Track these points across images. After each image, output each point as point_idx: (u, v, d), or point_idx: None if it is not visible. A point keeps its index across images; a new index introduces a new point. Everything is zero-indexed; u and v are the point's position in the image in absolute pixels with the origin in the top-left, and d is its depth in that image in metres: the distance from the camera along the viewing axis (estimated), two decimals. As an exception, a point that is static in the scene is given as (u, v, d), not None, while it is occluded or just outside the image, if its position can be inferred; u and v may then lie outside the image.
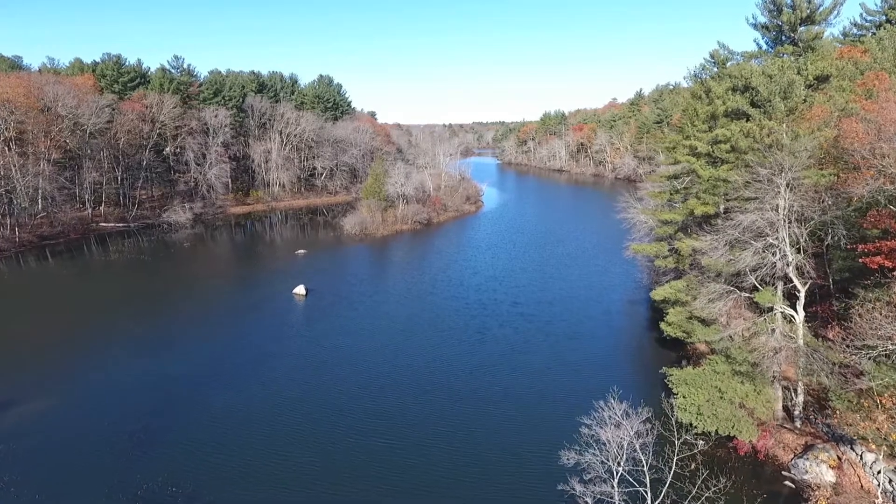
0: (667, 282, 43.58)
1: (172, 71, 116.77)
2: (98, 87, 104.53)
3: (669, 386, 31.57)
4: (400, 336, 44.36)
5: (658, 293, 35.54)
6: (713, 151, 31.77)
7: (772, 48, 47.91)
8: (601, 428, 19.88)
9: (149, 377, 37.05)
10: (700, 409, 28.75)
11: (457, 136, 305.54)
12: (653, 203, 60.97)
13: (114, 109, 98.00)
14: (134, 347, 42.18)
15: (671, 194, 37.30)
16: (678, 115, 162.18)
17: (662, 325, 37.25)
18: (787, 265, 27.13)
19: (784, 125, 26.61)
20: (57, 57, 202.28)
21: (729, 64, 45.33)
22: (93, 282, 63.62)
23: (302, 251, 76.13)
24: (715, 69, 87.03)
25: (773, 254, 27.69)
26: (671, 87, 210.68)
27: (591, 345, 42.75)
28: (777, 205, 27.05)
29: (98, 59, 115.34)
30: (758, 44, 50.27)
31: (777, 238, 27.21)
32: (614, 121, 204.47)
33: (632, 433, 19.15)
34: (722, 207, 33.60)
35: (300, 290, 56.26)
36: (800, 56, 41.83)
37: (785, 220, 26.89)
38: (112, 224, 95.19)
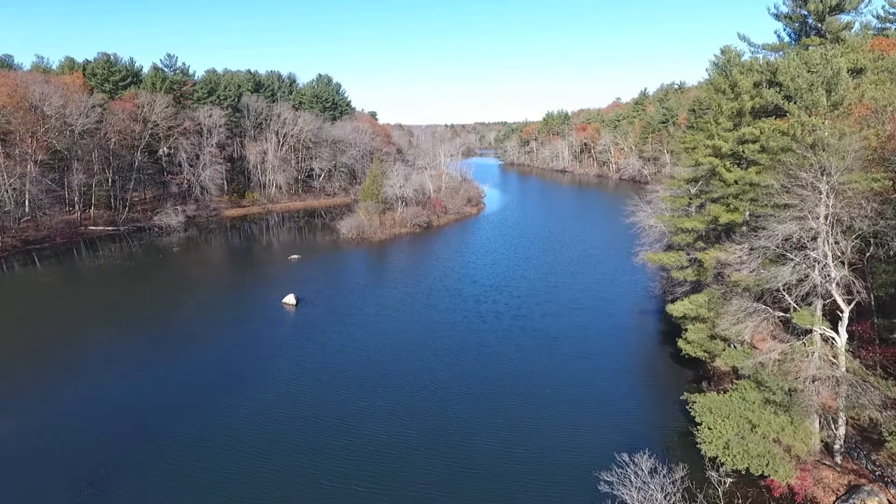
0: (682, 293, 40.25)
1: (165, 70, 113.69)
2: (87, 86, 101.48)
3: (691, 412, 28.30)
4: (390, 357, 40.25)
5: (676, 309, 32.15)
6: (743, 152, 28.41)
7: (795, 40, 44.51)
8: (624, 487, 16.57)
9: (118, 399, 33.85)
10: (728, 444, 25.41)
11: (458, 136, 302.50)
12: (666, 207, 57.68)
13: (104, 109, 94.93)
14: (107, 364, 39.01)
15: (690, 199, 33.91)
16: (684, 115, 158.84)
17: (681, 344, 33.92)
18: (830, 282, 23.77)
19: (827, 122, 23.24)
20: (48, 56, 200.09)
21: (745, 58, 41.81)
22: (73, 289, 60.49)
23: (295, 256, 72.94)
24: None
25: (813, 268, 24.35)
26: (676, 86, 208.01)
27: (602, 364, 39.16)
28: (818, 213, 23.71)
29: (91, 59, 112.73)
30: (779, 36, 46.87)
31: (818, 251, 23.86)
32: (618, 121, 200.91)
33: (661, 497, 15.83)
34: (747, 214, 30.26)
35: (290, 299, 53.04)
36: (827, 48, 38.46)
37: (828, 231, 23.54)
38: (101, 227, 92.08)
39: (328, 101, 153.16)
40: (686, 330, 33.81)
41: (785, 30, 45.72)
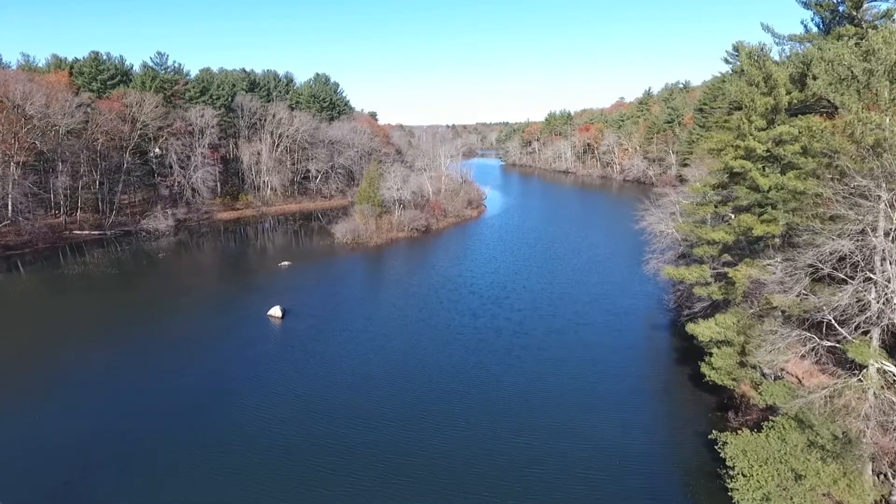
0: (703, 309, 36.49)
1: (156, 68, 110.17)
2: (73, 84, 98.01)
3: (720, 453, 24.59)
4: (373, 385, 35.78)
5: (701, 332, 28.35)
6: (781, 153, 24.65)
7: (825, 31, 40.69)
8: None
9: (76, 425, 30.16)
10: (768, 497, 21.67)
11: (460, 136, 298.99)
12: (680, 212, 53.95)
13: (90, 108, 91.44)
14: (71, 385, 35.38)
15: (715, 206, 30.13)
16: (690, 115, 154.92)
17: (704, 369, 30.13)
18: (893, 309, 20.02)
19: (888, 119, 19.50)
20: (34, 54, 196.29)
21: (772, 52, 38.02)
22: (45, 299, 56.92)
23: (286, 263, 69.28)
24: (738, 62, 79.60)
25: (869, 292, 20.61)
26: (681, 85, 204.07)
27: (615, 390, 35.11)
28: (878, 227, 19.97)
29: (80, 57, 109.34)
30: (806, 26, 43.10)
31: (877, 272, 20.13)
32: (622, 121, 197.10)
33: None
34: (783, 225, 26.50)
35: (276, 311, 49.37)
36: (862, 38, 34.70)
37: (890, 248, 19.80)
38: (87, 232, 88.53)
39: (326, 100, 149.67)
40: (710, 354, 30.02)
41: (813, 19, 41.96)
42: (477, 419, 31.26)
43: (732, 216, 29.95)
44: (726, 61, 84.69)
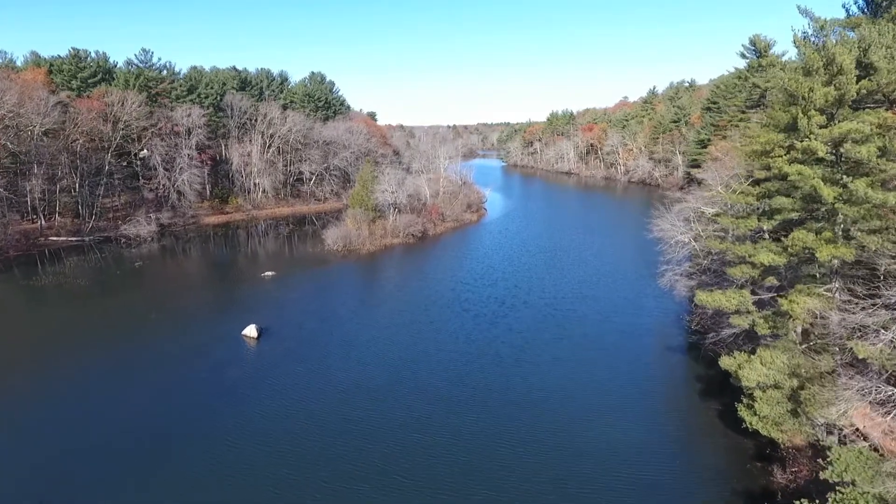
0: (733, 336, 31.36)
1: (141, 66, 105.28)
2: (51, 83, 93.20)
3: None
4: (345, 427, 30.41)
5: (745, 375, 23.16)
6: (854, 154, 19.54)
7: (872, 13, 35.59)
8: None
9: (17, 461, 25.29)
10: None
11: (461, 137, 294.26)
12: (696, 218, 48.91)
13: (68, 107, 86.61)
14: (19, 414, 30.49)
15: (759, 218, 25.01)
16: (697, 114, 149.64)
17: (744, 414, 25.07)
18: None
19: None
20: (11, 51, 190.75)
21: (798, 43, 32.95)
22: (2, 315, 52.09)
23: (270, 273, 64.31)
24: (756, 58, 74.22)
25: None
26: (687, 84, 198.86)
27: (633, 437, 29.55)
28: None
29: (62, 55, 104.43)
30: (847, 10, 38.05)
31: None
32: (627, 120, 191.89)
33: None
34: (853, 247, 21.37)
35: (251, 331, 44.42)
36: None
37: None
38: (63, 238, 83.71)
39: (321, 99, 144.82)
40: (751, 396, 24.98)
41: (856, 2, 36.93)
42: (470, 484, 26.23)
43: (766, 233, 24.88)
44: (742, 55, 79.96)
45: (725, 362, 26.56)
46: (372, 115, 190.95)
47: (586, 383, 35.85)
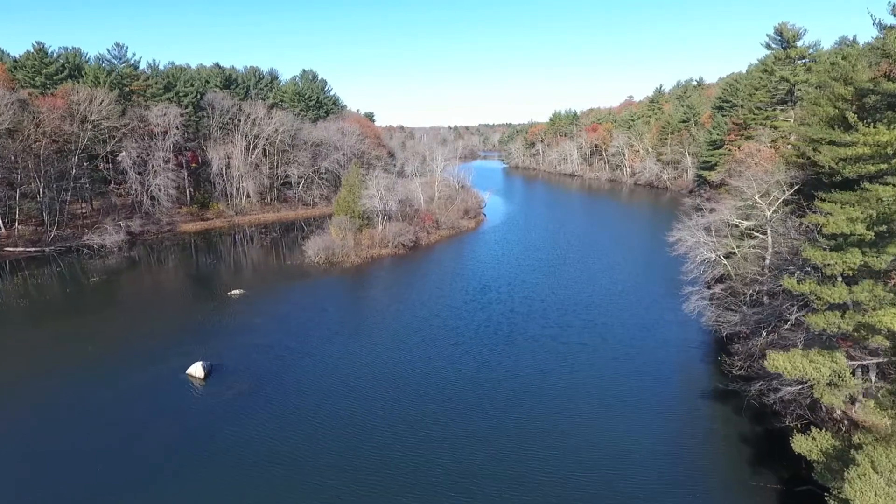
0: (795, 395, 23.85)
1: (114, 61, 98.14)
2: (11, 79, 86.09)
3: None
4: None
5: (854, 495, 15.58)
6: None
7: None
8: None
9: None
10: None
11: (462, 138, 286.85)
12: (715, 229, 41.73)
13: (26, 106, 79.45)
14: None
15: (864, 253, 17.52)
16: (708, 113, 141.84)
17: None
18: None
19: None
20: None
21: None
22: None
23: (237, 292, 56.93)
24: (782, 49, 66.52)
25: None
26: (695, 82, 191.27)
27: None
28: None
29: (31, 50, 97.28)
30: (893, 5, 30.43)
31: None
32: (633, 120, 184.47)
33: None
34: None
35: (196, 370, 37.04)
36: None
37: None
38: (21, 249, 76.52)
39: (312, 99, 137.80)
40: (821, 462, 17.47)
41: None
42: None
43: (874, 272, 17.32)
44: (768, 46, 72.38)
45: (802, 446, 19.06)
46: (369, 116, 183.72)
47: (608, 450, 28.26)
